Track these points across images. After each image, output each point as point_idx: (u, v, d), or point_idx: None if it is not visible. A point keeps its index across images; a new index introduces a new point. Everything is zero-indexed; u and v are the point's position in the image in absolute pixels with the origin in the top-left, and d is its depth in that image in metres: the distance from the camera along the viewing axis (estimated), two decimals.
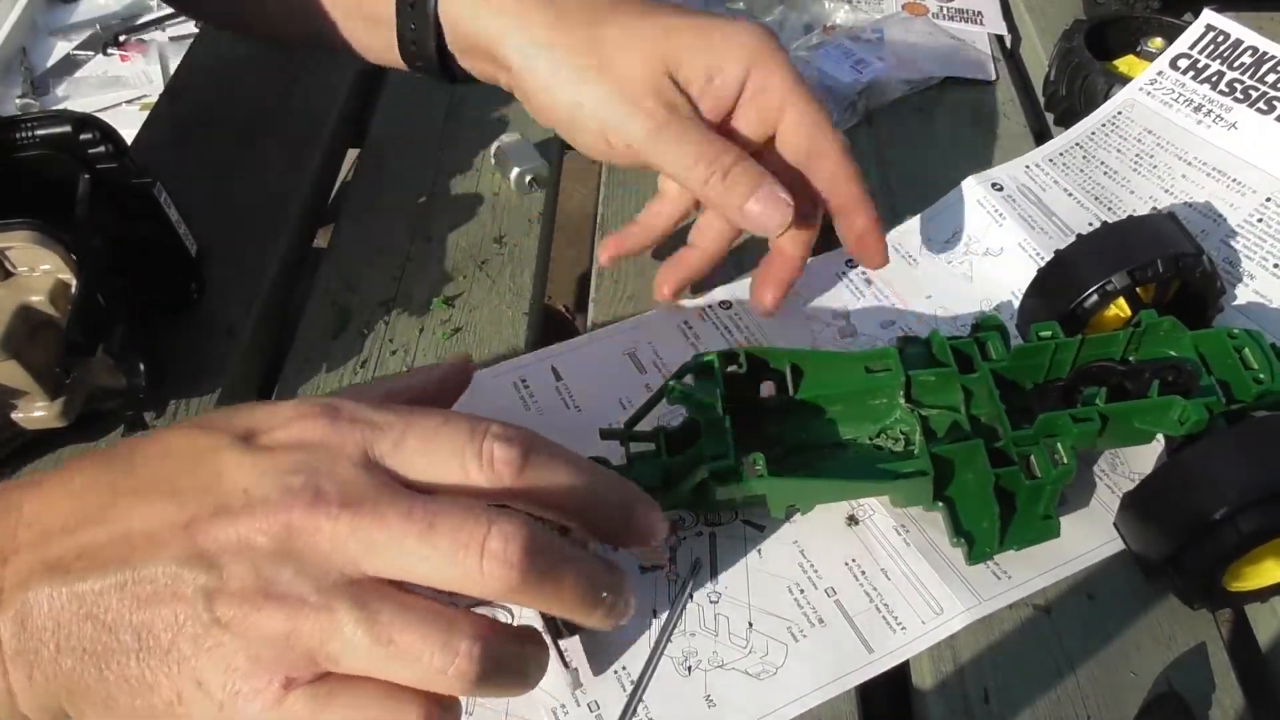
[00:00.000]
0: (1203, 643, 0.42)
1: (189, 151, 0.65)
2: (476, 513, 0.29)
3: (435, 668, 0.28)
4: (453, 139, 0.65)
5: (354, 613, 0.28)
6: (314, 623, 0.28)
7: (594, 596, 0.31)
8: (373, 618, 0.28)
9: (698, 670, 0.41)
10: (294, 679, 0.28)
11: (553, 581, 0.30)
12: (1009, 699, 0.40)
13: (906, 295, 0.55)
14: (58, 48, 1.50)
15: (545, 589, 0.30)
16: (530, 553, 0.29)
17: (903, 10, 0.76)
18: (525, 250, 0.59)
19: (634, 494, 0.34)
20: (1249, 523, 0.38)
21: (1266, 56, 0.60)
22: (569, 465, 0.32)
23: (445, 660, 0.28)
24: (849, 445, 0.46)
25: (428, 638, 0.28)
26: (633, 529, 0.34)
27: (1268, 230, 0.55)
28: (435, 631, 0.28)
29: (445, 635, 0.28)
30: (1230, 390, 0.44)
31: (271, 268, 0.58)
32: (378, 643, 0.28)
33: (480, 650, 0.29)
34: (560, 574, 0.30)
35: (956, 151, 0.65)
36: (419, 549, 0.28)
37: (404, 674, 0.29)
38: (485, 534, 0.28)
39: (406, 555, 0.29)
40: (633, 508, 0.34)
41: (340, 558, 0.28)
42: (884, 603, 0.42)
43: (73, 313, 0.43)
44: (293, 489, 0.29)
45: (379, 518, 0.28)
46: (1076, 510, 0.46)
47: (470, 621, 0.29)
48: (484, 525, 0.29)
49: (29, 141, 0.46)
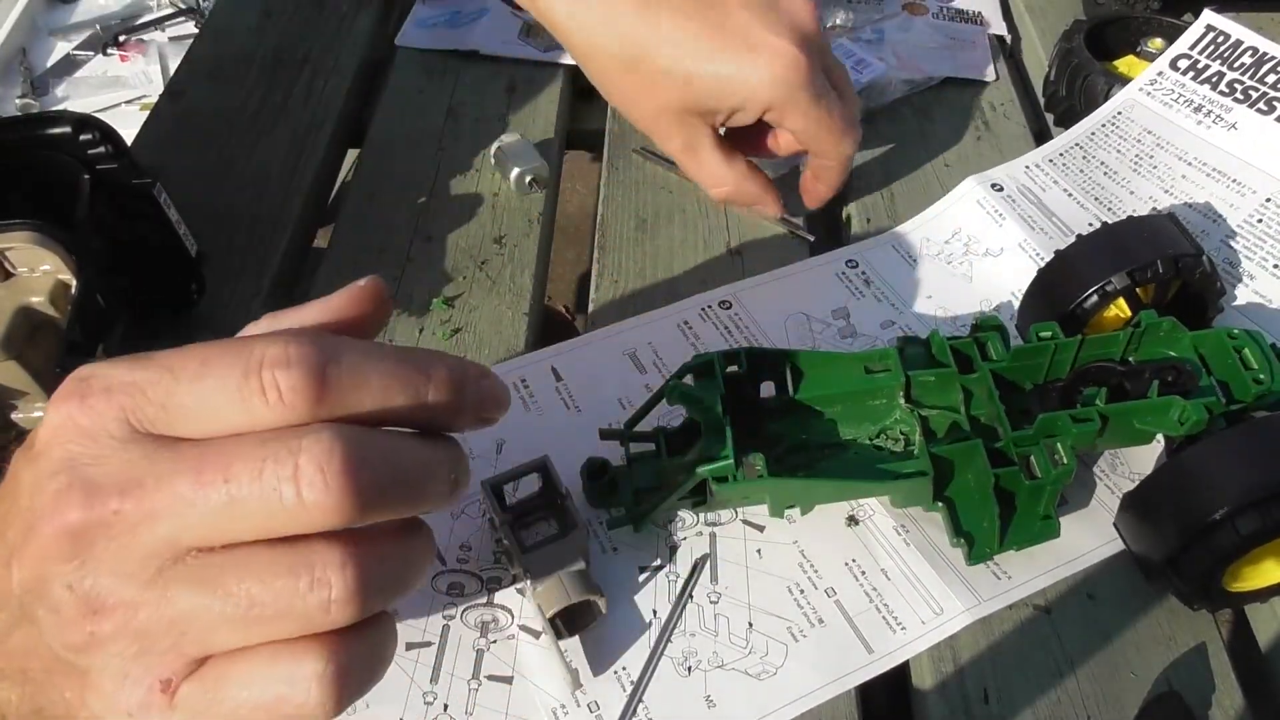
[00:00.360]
0: (1203, 643, 0.42)
1: (189, 151, 0.65)
2: (274, 443, 0.25)
3: (313, 609, 0.25)
4: (453, 139, 0.65)
5: (196, 591, 0.25)
6: (159, 619, 0.25)
7: (444, 485, 0.27)
8: (219, 588, 0.25)
9: (698, 670, 0.41)
10: (169, 679, 0.26)
11: (394, 487, 0.26)
12: (1009, 699, 0.40)
13: (906, 295, 0.55)
14: (58, 48, 1.50)
15: (387, 499, 0.26)
16: (353, 466, 0.25)
17: (903, 10, 0.76)
18: (525, 251, 0.59)
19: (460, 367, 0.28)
20: (1248, 523, 0.38)
21: (1266, 57, 0.60)
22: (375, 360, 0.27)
23: (319, 597, 0.25)
24: (849, 445, 0.46)
25: (290, 583, 0.25)
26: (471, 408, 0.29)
27: (1268, 231, 0.55)
28: (294, 572, 0.25)
29: (307, 572, 0.25)
30: (1230, 390, 0.44)
31: (271, 268, 0.58)
32: (238, 610, 0.25)
33: (353, 569, 0.25)
34: (398, 475, 0.26)
35: (956, 151, 0.65)
36: (227, 507, 0.24)
37: (284, 629, 0.25)
38: (294, 465, 0.24)
39: (216, 517, 0.25)
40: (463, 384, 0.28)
41: (148, 543, 0.25)
42: (884, 603, 0.42)
43: (73, 313, 0.43)
44: (60, 492, 0.25)
45: (167, 490, 0.25)
46: (1076, 510, 0.46)
47: (327, 543, 0.25)
48: (289, 455, 0.24)
49: (29, 142, 0.46)
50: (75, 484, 0.25)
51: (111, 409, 0.26)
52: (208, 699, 0.26)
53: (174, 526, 0.25)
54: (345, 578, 0.25)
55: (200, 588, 0.25)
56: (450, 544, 0.44)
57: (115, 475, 0.25)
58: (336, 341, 0.26)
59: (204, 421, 0.26)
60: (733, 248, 0.59)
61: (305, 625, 0.25)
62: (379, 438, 0.26)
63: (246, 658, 0.26)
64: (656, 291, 0.56)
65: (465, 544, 0.44)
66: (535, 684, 0.40)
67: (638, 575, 0.43)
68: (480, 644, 0.41)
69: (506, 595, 0.43)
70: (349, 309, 0.30)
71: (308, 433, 0.25)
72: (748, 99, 0.51)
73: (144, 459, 0.25)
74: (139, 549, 0.25)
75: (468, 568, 0.44)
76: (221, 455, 0.25)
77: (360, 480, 0.25)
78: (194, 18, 1.52)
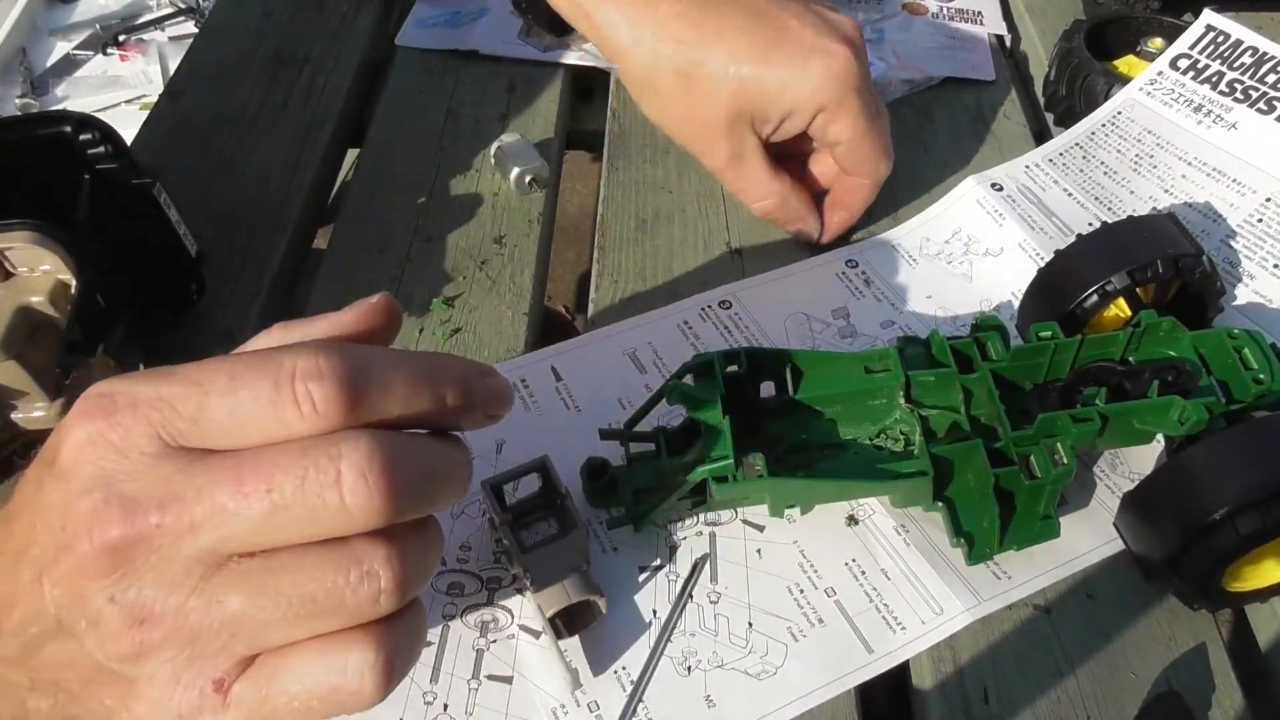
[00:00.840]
0: (1203, 643, 0.42)
1: (189, 151, 0.65)
2: (314, 452, 0.26)
3: (364, 602, 0.26)
4: (453, 139, 0.65)
5: (246, 594, 0.26)
6: (209, 623, 0.26)
7: (463, 481, 0.29)
8: (270, 589, 0.26)
9: (698, 670, 0.41)
10: (222, 679, 0.27)
11: (423, 486, 0.27)
12: (1009, 699, 0.40)
13: (906, 295, 0.55)
14: (57, 48, 1.50)
15: (418, 497, 0.27)
16: (390, 470, 0.26)
17: (903, 10, 0.76)
18: (525, 251, 0.59)
19: (468, 368, 0.30)
20: (1248, 523, 0.38)
21: (1266, 57, 0.60)
22: (398, 367, 0.28)
23: (370, 590, 0.26)
24: (849, 445, 0.46)
25: (340, 579, 0.26)
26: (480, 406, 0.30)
27: (1268, 230, 0.55)
28: (343, 569, 0.26)
29: (355, 567, 0.26)
30: (1230, 390, 0.44)
31: (271, 268, 0.58)
32: (290, 608, 0.26)
33: (398, 562, 0.27)
34: (426, 474, 0.28)
35: (956, 151, 0.65)
36: (271, 515, 0.25)
37: (334, 623, 0.27)
38: (336, 472, 0.25)
39: (259, 525, 0.26)
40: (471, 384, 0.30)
41: (191, 553, 0.26)
42: (884, 603, 0.42)
43: (73, 313, 0.43)
44: (97, 509, 0.26)
45: (207, 501, 0.25)
46: (1076, 510, 0.46)
47: (370, 541, 0.27)
48: (329, 462, 0.26)
49: (29, 142, 0.46)
50: (112, 500, 0.26)
51: (141, 424, 0.26)
52: (261, 695, 0.27)
53: (217, 536, 0.26)
54: (392, 570, 0.26)
55: (250, 590, 0.26)
56: (450, 544, 0.44)
57: (152, 490, 0.26)
58: (361, 352, 0.28)
59: (236, 433, 0.26)
60: (733, 248, 0.59)
61: (355, 617, 0.27)
62: (407, 441, 0.28)
63: (297, 652, 0.27)
64: (656, 291, 0.56)
65: (465, 544, 0.44)
66: (535, 684, 0.40)
67: (638, 575, 0.43)
68: (480, 644, 0.41)
69: (506, 595, 0.43)
70: (360, 324, 0.31)
71: (344, 439, 0.26)
72: (802, 100, 0.53)
73: (179, 473, 0.26)
74: (182, 559, 0.26)
75: (468, 568, 0.44)
76: (260, 465, 0.26)
77: (397, 482, 0.26)
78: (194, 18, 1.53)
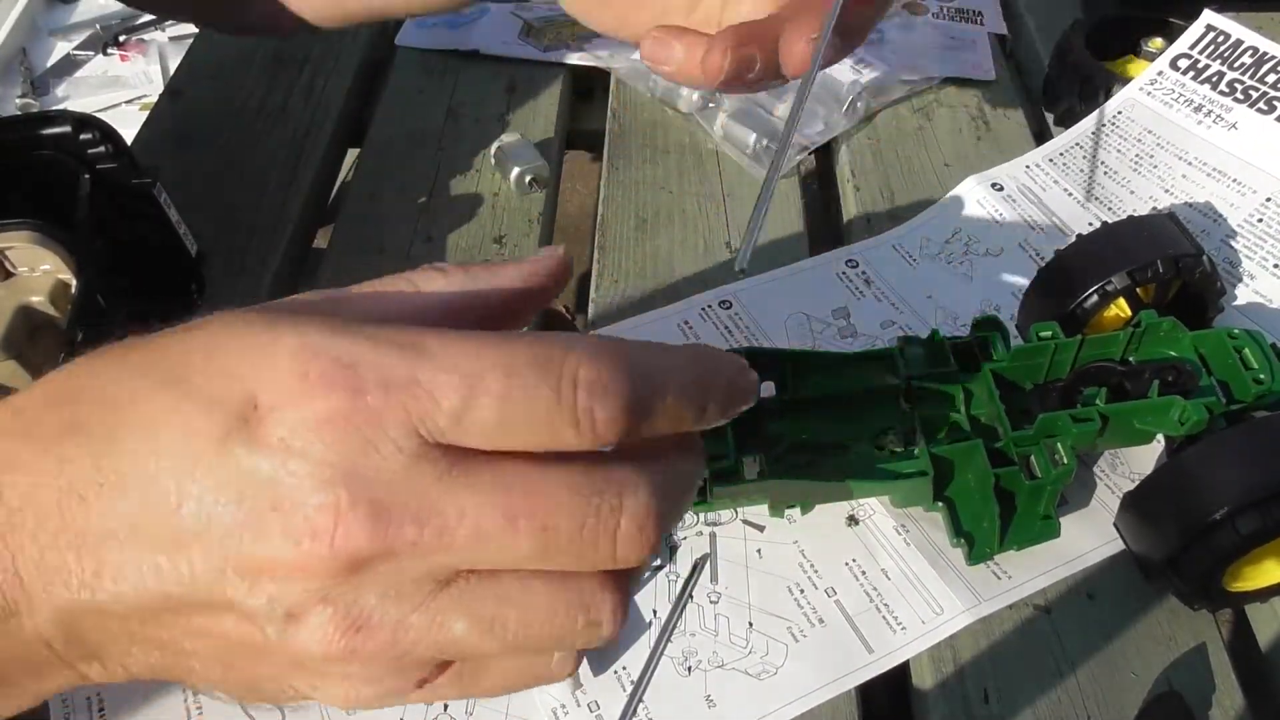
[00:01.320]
0: (1203, 643, 0.42)
1: (189, 151, 0.65)
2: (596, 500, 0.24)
3: (579, 641, 0.25)
4: (453, 139, 0.65)
5: (470, 621, 0.24)
6: (427, 643, 0.24)
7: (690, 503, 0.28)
8: (496, 621, 0.24)
9: (698, 670, 0.41)
10: (425, 678, 0.26)
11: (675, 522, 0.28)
12: (1009, 699, 0.40)
13: (906, 295, 0.55)
14: (58, 48, 1.50)
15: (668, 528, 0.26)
16: (664, 522, 0.25)
17: (903, 10, 0.76)
18: (525, 250, 0.58)
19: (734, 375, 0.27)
20: (1248, 523, 0.38)
21: (1266, 57, 0.60)
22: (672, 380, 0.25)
23: (589, 636, 0.25)
24: (849, 445, 0.45)
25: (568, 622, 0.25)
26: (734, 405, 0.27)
27: (1268, 230, 0.55)
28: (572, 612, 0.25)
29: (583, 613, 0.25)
30: (1230, 390, 0.44)
31: (271, 268, 0.58)
32: (508, 639, 0.25)
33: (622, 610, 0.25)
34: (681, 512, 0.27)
35: (956, 151, 0.65)
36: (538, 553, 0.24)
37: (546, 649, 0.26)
38: (616, 524, 0.24)
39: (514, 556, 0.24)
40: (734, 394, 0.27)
41: (426, 570, 0.24)
42: (884, 603, 0.42)
43: (73, 313, 0.43)
44: (341, 512, 0.22)
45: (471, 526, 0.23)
46: (1076, 510, 0.46)
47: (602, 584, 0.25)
48: (611, 514, 0.24)
49: (29, 142, 0.46)
50: (359, 504, 0.22)
51: (396, 412, 0.23)
52: (461, 689, 0.26)
53: (463, 558, 0.23)
54: (616, 620, 0.25)
55: (475, 619, 0.24)
56: None
57: (407, 499, 0.23)
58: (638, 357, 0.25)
59: (499, 439, 0.23)
60: (733, 248, 0.58)
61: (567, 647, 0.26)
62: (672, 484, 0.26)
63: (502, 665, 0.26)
64: (656, 291, 0.56)
65: None
66: None
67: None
68: None
69: None
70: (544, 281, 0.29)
71: (625, 488, 0.24)
72: None
73: (437, 481, 0.23)
74: (414, 574, 0.23)
75: None
76: (534, 498, 0.23)
77: (664, 531, 0.25)
78: None
